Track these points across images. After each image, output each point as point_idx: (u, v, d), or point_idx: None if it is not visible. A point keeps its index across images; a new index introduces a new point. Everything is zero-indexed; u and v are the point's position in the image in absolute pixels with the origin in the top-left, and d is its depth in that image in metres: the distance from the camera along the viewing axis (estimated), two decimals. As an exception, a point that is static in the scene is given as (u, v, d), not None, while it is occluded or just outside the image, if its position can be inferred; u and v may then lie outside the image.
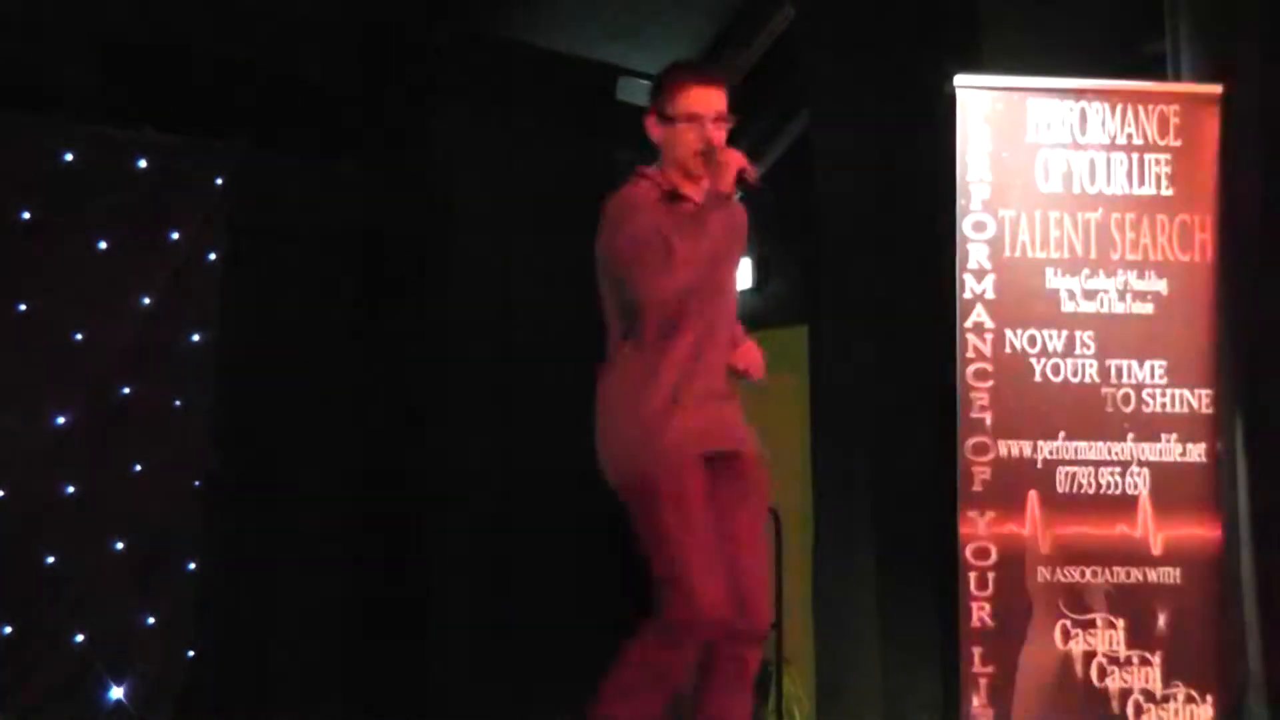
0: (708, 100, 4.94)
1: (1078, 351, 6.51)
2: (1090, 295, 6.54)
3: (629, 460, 4.79)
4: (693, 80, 4.97)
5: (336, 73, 9.01)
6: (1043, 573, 6.39)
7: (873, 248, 7.70)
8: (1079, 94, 6.64)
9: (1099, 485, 6.44)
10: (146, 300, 8.15)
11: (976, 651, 6.34)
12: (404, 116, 9.10)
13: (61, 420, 7.93)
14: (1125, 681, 6.35)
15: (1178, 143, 6.63)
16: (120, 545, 8.02)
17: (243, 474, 8.55)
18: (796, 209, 9.01)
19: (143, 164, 8.18)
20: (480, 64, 9.14)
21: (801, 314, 9.23)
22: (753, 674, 4.89)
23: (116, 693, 7.88)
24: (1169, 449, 6.47)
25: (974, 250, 6.52)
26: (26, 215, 7.90)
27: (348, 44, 8.94)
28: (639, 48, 9.69)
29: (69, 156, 8.00)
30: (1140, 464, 6.46)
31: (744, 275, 10.50)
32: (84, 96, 8.22)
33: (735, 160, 4.87)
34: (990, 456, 6.43)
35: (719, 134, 4.93)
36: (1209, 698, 6.35)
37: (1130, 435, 6.47)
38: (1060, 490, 6.43)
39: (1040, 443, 6.45)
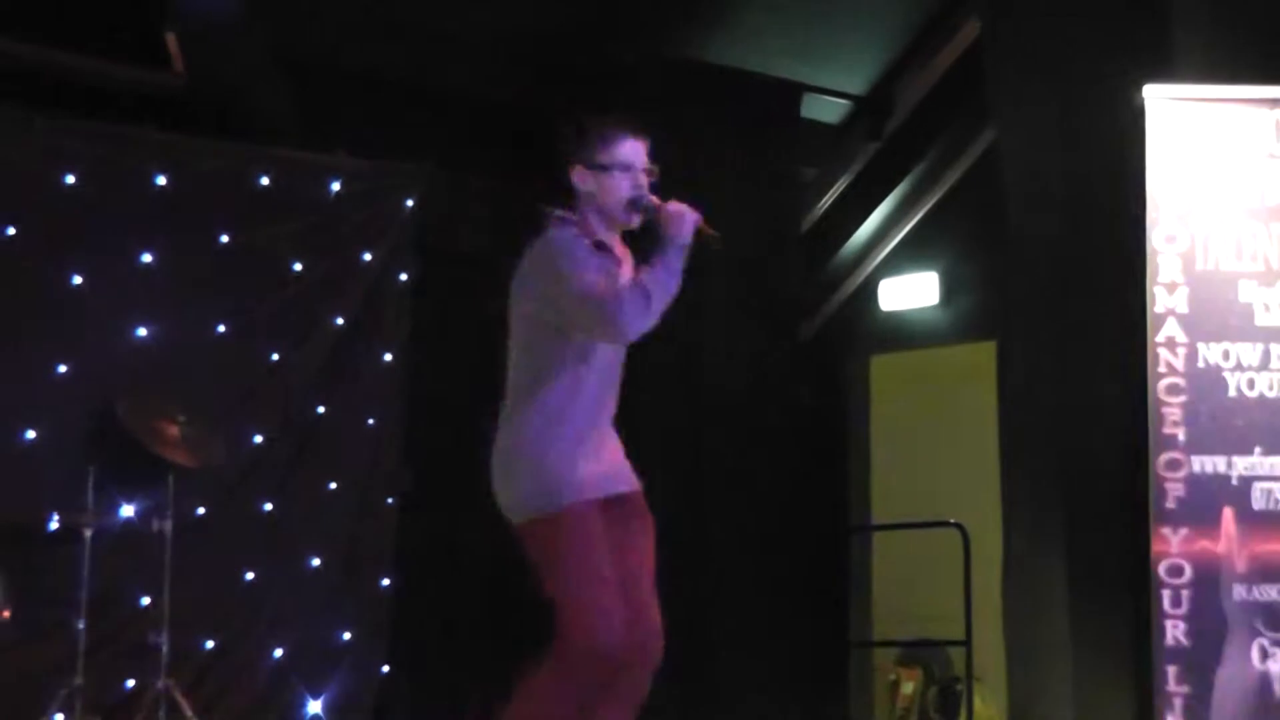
0: (639, 151, 5.09)
1: (1273, 365, 6.39)
2: (1286, 308, 6.43)
3: (537, 501, 4.96)
4: (625, 131, 5.10)
5: (522, 94, 9.11)
6: (1239, 591, 6.27)
7: (1061, 261, 7.61)
8: (1273, 103, 6.52)
9: (1296, 502, 6.32)
10: (339, 320, 8.29)
11: (1171, 670, 6.24)
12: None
13: (258, 439, 8.09)
14: (1325, 703, 6.22)
15: (1374, 150, 6.49)
16: (316, 562, 8.16)
17: (434, 491, 8.67)
18: (982, 223, 8.95)
19: (335, 187, 8.33)
20: (665, 84, 9.19)
21: (989, 329, 9.17)
22: (643, 699, 5.08)
23: (314, 706, 8.01)
24: (1368, 464, 6.33)
25: (1165, 263, 6.43)
26: (224, 239, 8.08)
27: (533, 66, 9.04)
28: (824, 65, 9.69)
29: (264, 180, 8.16)
30: (1339, 480, 6.32)
31: (930, 291, 10.45)
32: (279, 122, 8.39)
33: (690, 213, 5.00)
34: (1183, 473, 6.33)
35: (646, 183, 5.08)
36: None
37: (1328, 451, 6.34)
38: (1256, 507, 6.32)
39: (1235, 458, 6.34)
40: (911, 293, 10.56)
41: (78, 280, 7.75)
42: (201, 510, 7.86)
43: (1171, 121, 6.50)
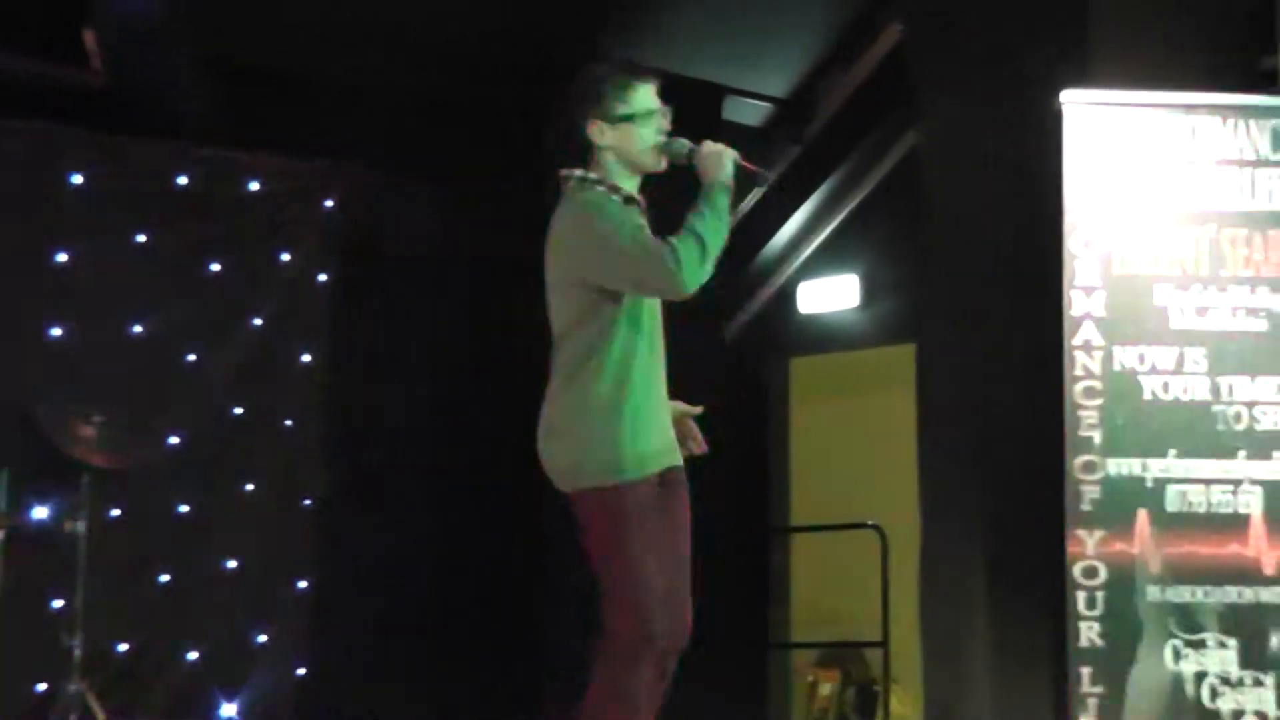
0: (653, 94, 4.96)
1: (1188, 369, 6.43)
2: (1201, 312, 6.46)
3: (599, 471, 4.79)
4: (640, 77, 4.96)
5: (447, 95, 9.08)
6: (1153, 592, 6.31)
7: (980, 265, 7.65)
8: (1189, 109, 6.57)
9: (1210, 504, 6.35)
10: (257, 321, 8.25)
11: (1086, 671, 6.28)
12: (513, 139, 9.16)
13: (175, 440, 8.04)
14: (1238, 703, 6.26)
15: (1291, 157, 6.54)
16: (232, 563, 8.12)
17: (352, 492, 8.64)
18: (903, 227, 8.99)
19: (254, 186, 8.29)
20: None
21: (908, 332, 9.20)
22: (669, 683, 4.96)
23: (229, 709, 7.97)
24: (1282, 467, 6.38)
25: (1082, 267, 6.47)
26: (141, 238, 8.02)
27: (459, 67, 9.01)
28: (745, 67, 9.71)
29: (183, 180, 8.12)
30: (1252, 482, 6.36)
31: (850, 294, 10.48)
32: (198, 121, 8.33)
33: (729, 151, 4.89)
34: (1099, 475, 6.36)
35: (667, 126, 4.96)
36: (1323, 719, 6.26)
37: (1242, 453, 6.38)
38: (1170, 509, 6.35)
39: (1150, 461, 6.37)
40: (831, 295, 10.59)
41: (-9, 279, 7.69)
42: (117, 511, 7.81)
43: (1089, 127, 6.54)
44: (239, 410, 8.21)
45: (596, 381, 4.81)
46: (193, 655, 7.97)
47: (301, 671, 8.22)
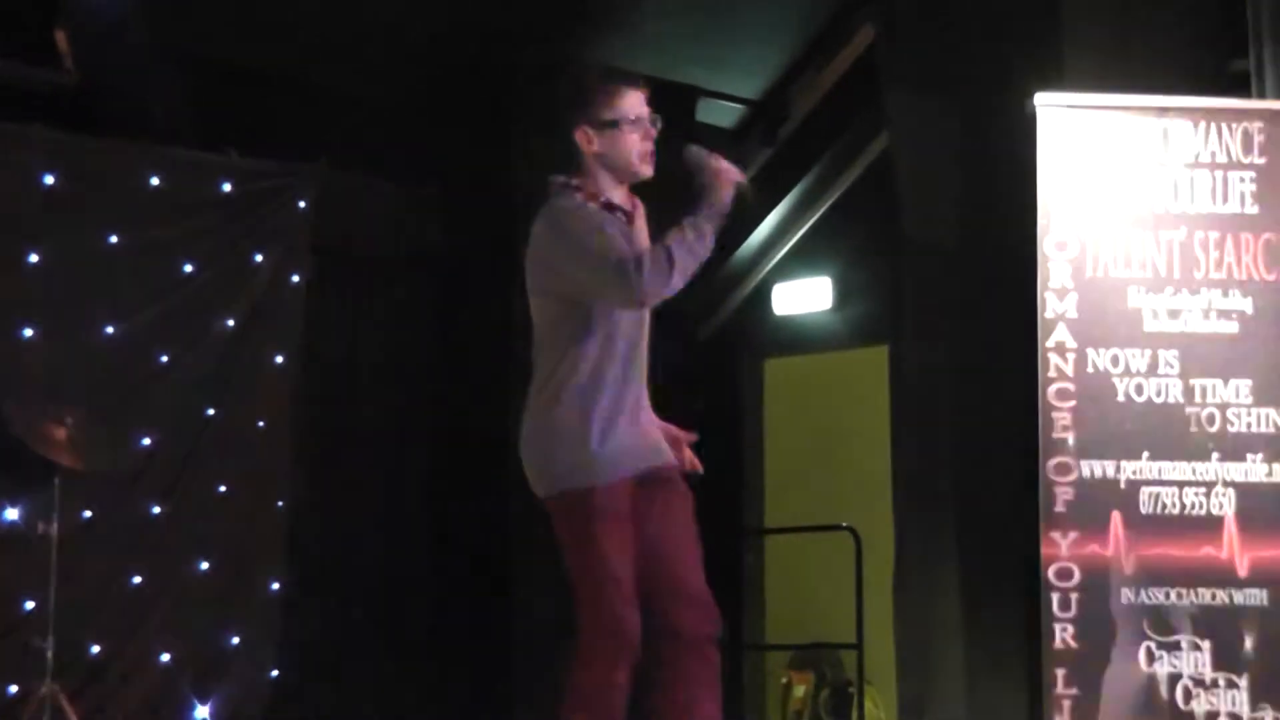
0: (642, 101, 4.97)
1: (1161, 371, 6.44)
2: (1174, 314, 6.48)
3: (569, 476, 4.82)
4: (628, 83, 4.98)
5: (419, 96, 9.07)
6: (1126, 594, 6.33)
7: (954, 267, 7.67)
8: (1161, 112, 6.58)
9: (1183, 506, 6.37)
10: (230, 322, 8.22)
11: (1060, 673, 6.28)
12: (486, 139, 9.15)
13: (147, 441, 8.01)
14: (1211, 704, 6.28)
15: (1262, 160, 6.54)
16: (204, 566, 8.09)
17: (325, 494, 8.62)
18: (876, 229, 9.01)
19: (227, 188, 8.26)
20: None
21: (881, 334, 9.22)
22: (718, 670, 4.96)
23: (201, 712, 7.95)
24: (1254, 469, 6.39)
25: (1055, 269, 6.48)
26: (114, 239, 7.99)
27: (431, 68, 9.00)
28: (719, 69, 9.72)
29: (155, 181, 8.08)
30: (1225, 484, 6.38)
31: (824, 296, 10.49)
32: (171, 121, 8.30)
33: (730, 173, 4.91)
34: (1073, 477, 6.37)
35: (654, 133, 4.98)
36: (1297, 720, 6.28)
37: (1215, 455, 6.39)
38: (1144, 511, 6.36)
39: (1123, 463, 6.38)
40: (805, 297, 10.61)
41: (-39, 280, 7.65)
42: (89, 513, 7.78)
43: (1063, 129, 6.55)
44: (211, 412, 8.18)
45: (568, 386, 4.84)
46: (165, 657, 7.94)
47: (274, 674, 8.19)
